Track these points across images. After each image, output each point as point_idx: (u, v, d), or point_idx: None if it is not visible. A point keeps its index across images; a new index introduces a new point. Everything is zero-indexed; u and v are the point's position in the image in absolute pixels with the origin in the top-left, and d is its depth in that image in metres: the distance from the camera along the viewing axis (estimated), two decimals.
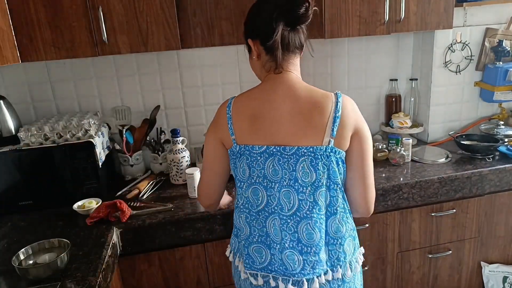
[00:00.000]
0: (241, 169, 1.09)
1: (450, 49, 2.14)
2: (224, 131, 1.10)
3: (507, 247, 2.05)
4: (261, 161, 1.06)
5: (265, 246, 1.09)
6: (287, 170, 1.05)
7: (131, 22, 1.64)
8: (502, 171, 1.86)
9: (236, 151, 1.08)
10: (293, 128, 1.05)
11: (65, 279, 1.20)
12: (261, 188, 1.07)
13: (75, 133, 1.71)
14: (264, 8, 1.05)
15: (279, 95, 1.08)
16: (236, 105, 1.10)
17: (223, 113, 1.11)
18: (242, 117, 1.08)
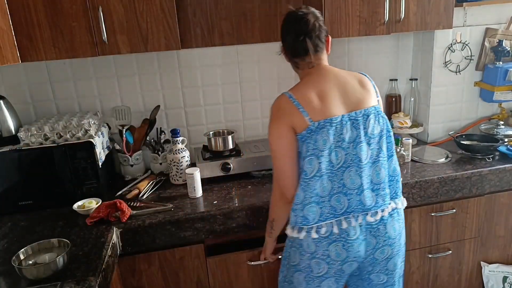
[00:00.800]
0: (322, 141, 1.27)
1: (450, 49, 2.14)
2: (295, 117, 1.28)
3: (507, 247, 2.05)
4: (339, 128, 1.29)
5: (343, 194, 1.31)
6: (361, 128, 1.31)
7: (131, 22, 1.64)
8: (502, 171, 1.86)
9: (314, 127, 1.27)
10: (355, 97, 1.34)
11: (65, 279, 1.20)
12: (340, 150, 1.29)
13: (75, 133, 1.71)
14: (285, 23, 1.42)
15: (329, 78, 1.36)
16: (298, 94, 1.31)
17: (287, 103, 1.30)
18: (310, 100, 1.29)
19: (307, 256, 1.34)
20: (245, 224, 1.65)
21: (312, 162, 1.28)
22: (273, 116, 1.33)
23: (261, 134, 2.26)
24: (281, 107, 1.31)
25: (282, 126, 1.30)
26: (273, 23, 2.08)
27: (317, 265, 1.34)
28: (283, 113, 1.30)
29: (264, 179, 1.89)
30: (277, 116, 1.32)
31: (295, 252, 1.38)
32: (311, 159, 1.28)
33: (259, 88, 2.19)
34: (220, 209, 1.61)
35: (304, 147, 1.28)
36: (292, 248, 1.39)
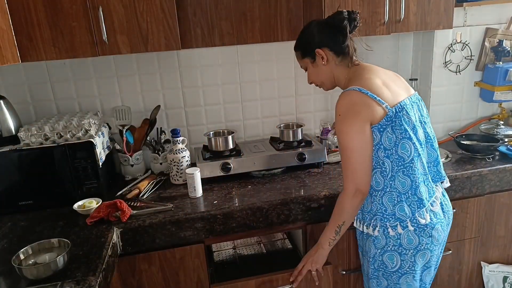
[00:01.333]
0: (406, 123, 1.30)
1: (450, 49, 2.14)
2: (372, 108, 1.28)
3: (507, 247, 2.05)
4: (410, 110, 1.34)
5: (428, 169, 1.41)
6: (421, 110, 1.42)
7: (131, 22, 1.64)
8: (502, 171, 1.86)
9: (393, 114, 1.30)
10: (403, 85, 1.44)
11: (65, 279, 1.20)
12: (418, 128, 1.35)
13: (75, 133, 1.71)
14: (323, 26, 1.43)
15: (377, 70, 1.41)
16: (366, 86, 1.31)
17: (361, 97, 1.30)
18: (380, 88, 1.32)
19: (411, 253, 1.36)
20: (245, 224, 1.65)
21: (405, 146, 1.30)
22: (348, 113, 1.30)
23: (261, 134, 2.27)
24: (355, 102, 1.30)
25: (360, 122, 1.29)
26: (273, 23, 2.09)
27: (422, 258, 1.37)
28: (359, 108, 1.29)
29: (264, 179, 1.89)
30: (353, 113, 1.29)
31: (391, 256, 1.38)
32: (403, 143, 1.30)
33: (259, 88, 2.19)
34: (220, 209, 1.61)
35: (386, 136, 1.30)
36: (387, 254, 1.38)
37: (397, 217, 1.34)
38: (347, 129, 1.31)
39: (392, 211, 1.35)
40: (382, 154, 1.32)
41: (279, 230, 1.77)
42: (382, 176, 1.34)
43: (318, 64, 1.45)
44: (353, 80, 1.37)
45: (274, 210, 1.66)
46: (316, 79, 1.51)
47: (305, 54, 1.47)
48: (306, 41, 1.46)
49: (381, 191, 1.35)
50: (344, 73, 1.44)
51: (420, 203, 1.34)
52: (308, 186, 1.77)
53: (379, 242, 1.39)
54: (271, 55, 2.15)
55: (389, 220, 1.35)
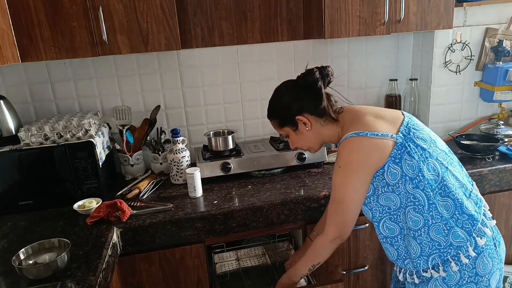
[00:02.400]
0: (421, 140, 1.21)
1: (450, 49, 2.14)
2: (378, 147, 1.19)
3: (507, 247, 2.05)
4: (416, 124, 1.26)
5: None
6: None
7: (131, 22, 1.64)
8: (502, 171, 1.86)
9: (402, 139, 1.20)
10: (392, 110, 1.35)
11: (65, 279, 1.20)
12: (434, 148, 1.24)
13: (76, 133, 1.71)
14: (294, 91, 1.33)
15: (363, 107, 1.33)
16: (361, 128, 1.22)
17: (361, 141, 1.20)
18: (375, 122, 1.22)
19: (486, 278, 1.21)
20: (245, 224, 1.65)
21: (430, 166, 1.19)
22: (350, 165, 1.21)
23: (261, 134, 2.27)
24: (358, 150, 1.20)
25: (364, 173, 1.20)
26: (273, 23, 2.09)
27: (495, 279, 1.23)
28: (363, 156, 1.19)
29: (264, 179, 1.89)
30: (356, 164, 1.20)
31: (471, 284, 1.21)
32: (427, 163, 1.18)
33: (259, 88, 2.19)
34: (220, 209, 1.61)
35: (406, 164, 1.17)
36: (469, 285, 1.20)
37: (456, 246, 1.19)
38: (348, 183, 1.21)
39: (446, 243, 1.19)
40: (411, 187, 1.18)
41: (279, 230, 1.77)
42: (418, 212, 1.19)
43: (301, 131, 1.34)
44: (345, 128, 1.28)
45: (274, 210, 1.66)
46: (302, 145, 1.39)
47: (284, 123, 1.36)
48: (282, 110, 1.34)
49: (424, 227, 1.19)
50: (333, 129, 1.33)
51: (472, 219, 1.20)
52: (308, 186, 1.77)
53: (452, 279, 1.20)
54: (271, 55, 2.15)
55: (449, 253, 1.19)
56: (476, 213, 1.21)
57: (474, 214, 1.20)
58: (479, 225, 1.21)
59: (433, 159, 1.20)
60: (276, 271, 1.87)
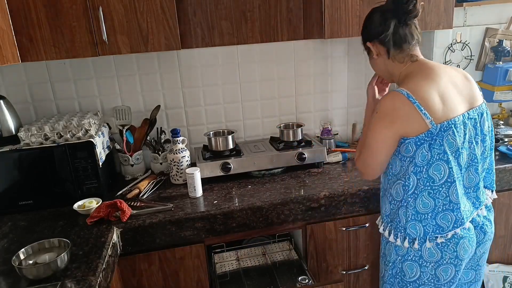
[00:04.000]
0: (448, 144, 1.21)
1: (450, 49, 2.14)
2: (412, 120, 1.19)
3: (507, 247, 2.05)
4: (463, 129, 1.24)
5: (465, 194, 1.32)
6: (478, 127, 1.29)
7: (131, 22, 1.64)
8: (502, 171, 1.86)
9: (436, 131, 1.19)
10: (467, 93, 1.28)
11: (65, 279, 1.20)
12: (464, 151, 1.25)
13: (76, 133, 1.71)
14: (375, 16, 1.32)
15: (440, 73, 1.26)
16: (417, 94, 1.20)
17: (405, 104, 1.19)
18: (432, 101, 1.20)
19: (431, 266, 1.30)
20: (245, 224, 1.65)
21: (440, 168, 1.22)
22: (384, 117, 1.23)
23: (261, 134, 2.27)
24: (397, 109, 1.21)
25: (389, 133, 1.23)
26: (273, 23, 2.09)
27: (444, 272, 1.30)
28: (398, 117, 1.21)
29: (264, 179, 1.89)
30: (389, 119, 1.23)
31: (411, 265, 1.32)
32: (438, 164, 1.22)
33: (259, 88, 2.19)
34: (220, 208, 1.61)
35: (421, 152, 1.21)
36: (407, 262, 1.33)
37: (407, 233, 1.30)
38: (376, 129, 1.26)
39: (404, 225, 1.30)
40: (411, 169, 1.24)
41: (279, 230, 1.77)
42: (403, 190, 1.28)
43: (373, 57, 1.39)
44: (407, 80, 1.26)
45: (274, 210, 1.66)
46: (376, 70, 1.44)
47: (363, 45, 1.41)
48: (363, 32, 1.39)
49: (399, 202, 1.31)
50: (398, 68, 1.33)
51: (437, 228, 1.27)
52: (308, 186, 1.77)
53: (400, 250, 1.34)
54: (271, 55, 2.15)
55: (400, 231, 1.32)
56: (446, 228, 1.27)
57: (443, 227, 1.27)
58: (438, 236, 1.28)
59: (446, 165, 1.22)
60: (276, 271, 1.87)
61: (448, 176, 1.23)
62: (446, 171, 1.22)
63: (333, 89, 2.28)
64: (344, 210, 1.73)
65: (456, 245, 1.28)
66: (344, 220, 1.76)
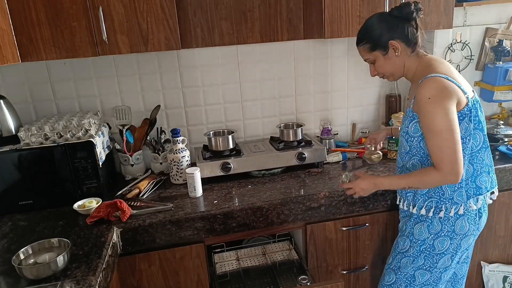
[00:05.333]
0: (480, 115, 1.39)
1: (450, 49, 2.14)
2: (459, 95, 1.33)
3: (507, 247, 2.05)
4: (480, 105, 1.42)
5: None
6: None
7: (131, 22, 1.64)
8: (502, 171, 1.86)
9: (471, 104, 1.36)
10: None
11: (65, 279, 1.20)
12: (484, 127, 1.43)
13: (76, 133, 1.71)
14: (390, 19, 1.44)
15: (447, 63, 1.46)
16: (451, 76, 1.34)
17: (449, 83, 1.33)
18: (461, 81, 1.38)
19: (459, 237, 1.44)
20: (245, 224, 1.65)
21: (476, 136, 1.39)
22: (439, 95, 1.31)
23: (261, 134, 2.27)
24: (445, 86, 1.32)
25: (452, 105, 1.31)
26: (273, 23, 2.09)
27: (466, 242, 1.47)
28: (450, 92, 1.32)
29: (264, 179, 1.89)
30: (446, 95, 1.31)
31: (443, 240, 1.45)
32: (475, 133, 1.38)
33: (259, 88, 2.19)
34: (220, 208, 1.61)
35: (463, 125, 1.35)
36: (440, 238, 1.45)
37: (454, 201, 1.41)
38: (443, 111, 1.29)
39: (450, 195, 1.41)
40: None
41: (279, 230, 1.77)
42: None
43: (390, 56, 1.46)
44: (429, 70, 1.38)
45: (274, 210, 1.66)
46: (386, 70, 1.51)
47: (375, 47, 1.46)
48: (376, 34, 1.45)
49: None
50: (415, 63, 1.46)
51: (478, 190, 1.42)
52: (308, 186, 1.77)
53: (434, 228, 1.45)
54: (271, 55, 2.15)
55: (445, 203, 1.42)
56: (484, 188, 1.43)
57: (482, 188, 1.43)
58: (480, 196, 1.44)
59: (481, 133, 1.40)
60: (276, 271, 1.87)
61: (483, 142, 1.40)
62: (481, 138, 1.40)
63: (333, 89, 2.28)
64: (344, 210, 1.73)
65: (480, 218, 1.46)
66: (344, 220, 1.76)
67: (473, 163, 1.41)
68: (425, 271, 1.50)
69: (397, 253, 1.56)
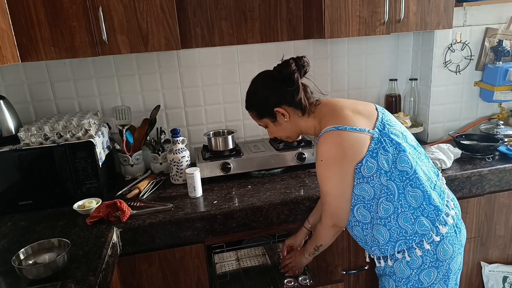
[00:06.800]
0: (395, 135, 1.27)
1: (450, 49, 2.14)
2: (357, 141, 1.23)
3: (507, 247, 2.05)
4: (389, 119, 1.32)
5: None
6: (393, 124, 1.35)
7: (131, 22, 1.64)
8: (502, 171, 1.86)
9: (378, 134, 1.25)
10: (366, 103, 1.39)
11: (65, 279, 1.20)
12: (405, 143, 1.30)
13: (75, 133, 1.71)
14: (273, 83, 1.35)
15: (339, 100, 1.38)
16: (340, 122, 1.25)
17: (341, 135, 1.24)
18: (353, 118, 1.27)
19: (446, 262, 1.30)
20: (245, 224, 1.65)
21: (404, 159, 1.25)
22: (331, 159, 1.24)
23: (261, 134, 2.26)
24: (338, 144, 1.24)
25: (343, 166, 1.24)
26: (273, 23, 2.09)
27: (456, 263, 1.34)
28: (343, 150, 1.23)
29: (264, 179, 1.89)
30: (337, 157, 1.24)
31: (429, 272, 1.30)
32: (401, 157, 1.24)
33: None
34: (220, 208, 1.61)
35: (382, 158, 1.23)
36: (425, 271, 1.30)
37: (420, 234, 1.27)
38: (329, 176, 1.27)
39: (413, 231, 1.27)
40: (385, 179, 1.25)
41: (279, 230, 1.77)
42: (390, 201, 1.26)
43: (280, 122, 1.38)
44: (324, 122, 1.31)
45: (274, 210, 1.66)
46: (280, 135, 1.45)
47: (262, 115, 1.40)
48: (260, 102, 1.38)
49: (393, 215, 1.27)
50: (310, 121, 1.38)
51: (437, 210, 1.27)
52: (308, 186, 1.77)
53: (414, 263, 1.30)
54: (271, 55, 2.15)
55: (414, 240, 1.27)
56: (440, 204, 1.29)
57: (439, 206, 1.28)
58: (442, 215, 1.29)
59: (405, 153, 1.25)
60: (276, 271, 1.87)
61: (412, 160, 1.26)
62: (408, 158, 1.25)
63: (333, 89, 2.28)
64: None
65: (460, 233, 1.33)
66: None
67: (418, 186, 1.26)
68: None
69: None
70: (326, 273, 1.82)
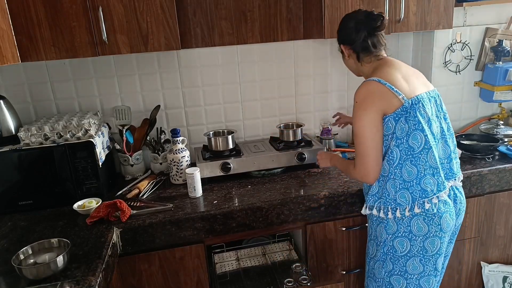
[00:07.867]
0: (420, 115, 1.36)
1: (450, 49, 2.14)
2: (387, 99, 1.36)
3: (507, 247, 2.05)
4: (427, 104, 1.40)
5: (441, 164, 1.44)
6: (438, 105, 1.47)
7: (131, 22, 1.64)
8: (502, 171, 1.86)
9: (409, 105, 1.36)
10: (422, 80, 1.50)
11: (65, 279, 1.20)
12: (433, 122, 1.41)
13: (75, 133, 1.71)
14: (349, 23, 1.48)
15: (400, 65, 1.48)
16: (385, 77, 1.39)
17: (378, 87, 1.38)
18: (399, 80, 1.39)
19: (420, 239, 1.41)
20: (245, 224, 1.65)
21: (417, 137, 1.36)
22: (364, 101, 1.38)
23: (261, 134, 2.27)
24: (373, 91, 1.37)
25: (373, 112, 1.36)
26: (273, 23, 2.09)
27: (431, 244, 1.43)
28: (374, 98, 1.37)
29: (264, 179, 1.89)
30: (369, 101, 1.37)
31: (402, 241, 1.43)
32: (415, 134, 1.36)
33: (259, 88, 2.19)
34: (220, 209, 1.61)
35: (399, 126, 1.36)
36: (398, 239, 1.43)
37: (398, 203, 1.41)
38: (359, 115, 1.38)
39: (393, 197, 1.41)
40: (393, 144, 1.37)
41: (279, 230, 1.77)
42: (389, 164, 1.40)
43: (344, 56, 1.56)
44: (375, 72, 1.44)
45: (274, 210, 1.66)
46: (347, 66, 1.61)
47: (339, 42, 1.56)
48: (340, 31, 1.53)
49: (386, 177, 1.41)
50: (366, 67, 1.51)
51: (423, 193, 1.38)
52: (308, 186, 1.77)
53: (390, 228, 1.44)
54: (271, 55, 2.15)
55: (390, 204, 1.42)
56: (430, 191, 1.39)
57: (427, 191, 1.39)
58: (425, 199, 1.39)
59: (421, 133, 1.36)
60: (276, 271, 1.87)
61: (425, 143, 1.36)
62: (422, 139, 1.36)
63: (333, 89, 2.28)
64: (344, 210, 1.73)
65: (440, 219, 1.41)
66: (344, 220, 1.76)
67: (416, 165, 1.37)
68: (399, 277, 1.47)
69: (369, 259, 1.56)
70: (326, 273, 1.82)
